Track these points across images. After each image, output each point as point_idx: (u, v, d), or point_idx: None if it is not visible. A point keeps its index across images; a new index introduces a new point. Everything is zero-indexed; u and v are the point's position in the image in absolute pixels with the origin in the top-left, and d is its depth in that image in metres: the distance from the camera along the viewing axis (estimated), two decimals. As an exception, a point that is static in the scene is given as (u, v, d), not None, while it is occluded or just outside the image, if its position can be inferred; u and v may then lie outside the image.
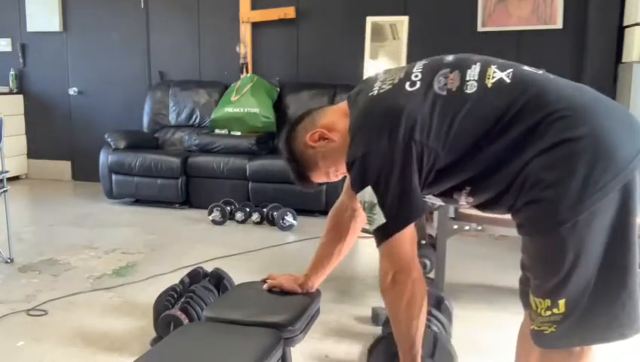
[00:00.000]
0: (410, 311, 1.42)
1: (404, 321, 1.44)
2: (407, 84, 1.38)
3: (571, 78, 1.39)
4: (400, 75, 1.42)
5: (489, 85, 1.32)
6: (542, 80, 1.34)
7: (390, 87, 1.40)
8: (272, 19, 5.50)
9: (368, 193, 1.35)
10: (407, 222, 1.37)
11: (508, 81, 1.32)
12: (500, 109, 1.29)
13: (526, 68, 1.38)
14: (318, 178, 1.59)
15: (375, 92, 1.42)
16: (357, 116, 1.44)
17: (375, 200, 1.35)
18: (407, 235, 1.38)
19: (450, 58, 1.42)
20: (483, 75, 1.34)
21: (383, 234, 1.37)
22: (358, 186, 1.38)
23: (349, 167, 1.40)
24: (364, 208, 1.39)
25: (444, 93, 1.34)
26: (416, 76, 1.39)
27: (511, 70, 1.35)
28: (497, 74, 1.34)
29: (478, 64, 1.37)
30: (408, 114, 1.33)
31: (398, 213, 1.35)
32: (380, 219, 1.35)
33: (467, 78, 1.34)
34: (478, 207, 1.44)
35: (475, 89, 1.32)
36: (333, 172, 1.55)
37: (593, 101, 1.30)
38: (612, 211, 1.20)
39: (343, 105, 1.54)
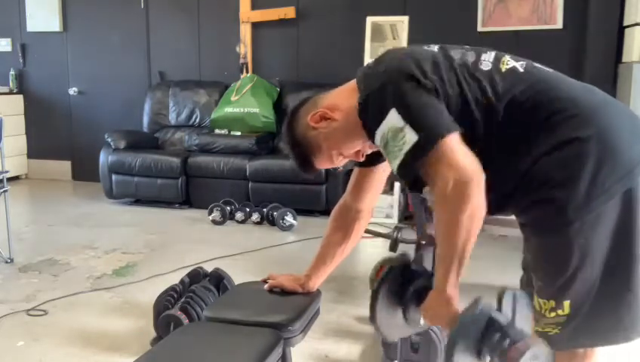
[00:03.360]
0: (472, 224, 1.22)
1: (464, 235, 1.22)
2: (425, 45, 1.40)
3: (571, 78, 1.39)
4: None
5: (503, 70, 1.32)
6: (553, 77, 1.34)
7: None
8: (272, 19, 5.50)
9: (392, 117, 1.24)
10: (445, 128, 1.22)
11: (521, 70, 1.32)
12: (511, 94, 1.28)
13: (537, 64, 1.38)
14: (322, 161, 1.49)
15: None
16: (367, 66, 1.42)
17: (402, 122, 1.23)
18: (456, 142, 1.22)
19: (463, 46, 1.43)
20: (498, 60, 1.34)
21: (422, 150, 1.22)
22: (378, 117, 1.26)
23: (363, 107, 1.31)
24: (386, 143, 1.26)
25: (460, 62, 1.33)
26: (433, 46, 1.40)
27: (524, 62, 1.35)
28: (511, 62, 1.34)
29: (493, 52, 1.38)
30: (425, 54, 1.33)
31: (434, 120, 1.23)
32: (411, 138, 1.22)
33: (482, 58, 1.34)
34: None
35: (489, 67, 1.32)
36: (336, 154, 1.46)
37: (602, 102, 1.30)
38: (618, 213, 1.19)
39: (350, 83, 1.46)
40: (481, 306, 1.22)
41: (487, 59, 1.35)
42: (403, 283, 1.41)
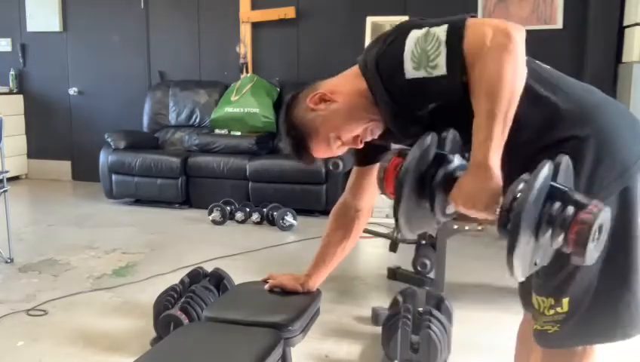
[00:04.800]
0: (514, 78, 1.13)
1: (509, 88, 1.12)
2: None
3: (571, 78, 1.39)
4: None
5: None
6: (553, 75, 1.34)
7: None
8: (272, 19, 5.50)
9: (413, 35, 1.22)
10: (468, 15, 1.21)
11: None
12: None
13: (538, 62, 1.38)
14: (318, 147, 1.43)
15: None
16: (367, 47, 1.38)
17: (424, 30, 1.22)
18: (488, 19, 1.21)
19: None
20: None
21: (457, 28, 1.19)
22: (399, 47, 1.23)
23: (380, 55, 1.26)
24: (420, 56, 1.20)
25: None
26: None
27: (527, 56, 1.35)
28: None
29: None
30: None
31: (455, 16, 1.24)
32: (442, 30, 1.20)
33: None
34: None
35: None
36: (333, 138, 1.40)
37: (601, 101, 1.30)
38: (616, 211, 1.20)
39: (352, 68, 1.42)
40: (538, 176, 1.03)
41: None
42: (429, 168, 1.18)
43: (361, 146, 1.42)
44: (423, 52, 1.19)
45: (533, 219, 1.03)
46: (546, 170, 1.04)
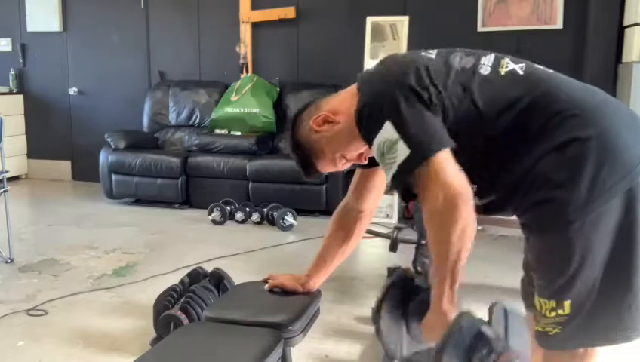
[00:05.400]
0: (462, 240, 1.24)
1: (455, 251, 1.24)
2: (422, 51, 1.40)
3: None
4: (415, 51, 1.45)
5: (502, 73, 1.32)
6: (553, 78, 1.34)
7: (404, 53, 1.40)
8: (272, 19, 5.50)
9: (387, 129, 1.26)
10: (437, 144, 1.24)
11: (521, 73, 1.32)
12: (511, 97, 1.28)
13: (537, 66, 1.38)
14: (324, 165, 1.50)
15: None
16: (367, 72, 1.42)
17: (396, 135, 1.25)
18: (447, 158, 1.24)
19: (462, 49, 1.42)
20: (497, 63, 1.34)
21: (413, 163, 1.24)
22: (374, 128, 1.28)
23: (360, 116, 1.32)
24: (382, 154, 1.28)
25: (459, 68, 1.33)
26: (432, 52, 1.40)
27: (524, 64, 1.35)
28: (511, 65, 1.34)
29: (493, 54, 1.38)
30: (424, 62, 1.33)
31: (426, 136, 1.25)
32: (404, 152, 1.24)
33: (481, 62, 1.35)
34: (485, 210, 1.43)
35: (488, 72, 1.32)
36: (339, 158, 1.47)
37: (603, 102, 1.30)
38: (619, 212, 1.19)
39: (351, 87, 1.47)
40: (469, 320, 1.24)
41: (487, 62, 1.35)
42: (404, 298, 1.44)
43: (365, 162, 1.49)
44: (383, 154, 1.28)
45: (459, 357, 1.22)
46: (470, 324, 1.24)
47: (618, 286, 1.22)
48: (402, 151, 1.24)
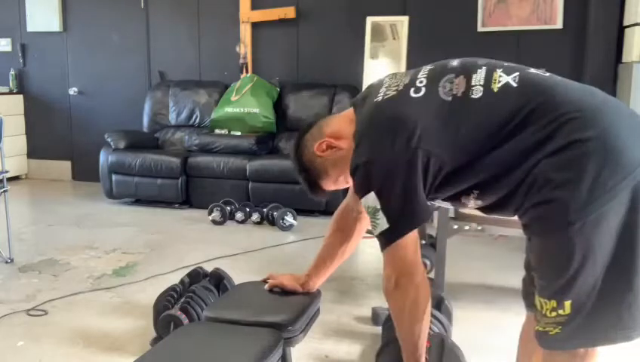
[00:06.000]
0: (413, 315, 1.44)
1: (407, 325, 1.46)
2: (412, 90, 1.38)
3: (571, 78, 1.38)
4: (405, 81, 1.42)
5: (495, 90, 1.32)
6: (549, 83, 1.33)
7: (395, 93, 1.40)
8: (272, 19, 5.50)
9: (372, 198, 1.37)
10: (410, 227, 1.38)
11: (514, 85, 1.32)
12: (507, 114, 1.28)
13: (533, 71, 1.37)
14: (329, 186, 1.61)
15: (380, 98, 1.42)
16: (362, 122, 1.45)
17: (378, 206, 1.36)
18: (411, 240, 1.39)
19: (455, 63, 1.41)
20: (489, 79, 1.34)
21: (386, 240, 1.39)
22: (361, 192, 1.40)
23: (353, 172, 1.41)
24: (367, 212, 1.41)
25: (450, 98, 1.33)
26: (421, 82, 1.39)
27: (517, 74, 1.34)
28: (504, 78, 1.33)
29: (484, 68, 1.37)
30: (413, 121, 1.32)
31: (400, 218, 1.36)
32: (383, 224, 1.37)
33: (473, 83, 1.34)
34: (485, 209, 1.43)
35: (480, 94, 1.32)
36: (342, 180, 1.56)
37: (602, 103, 1.29)
38: (620, 213, 1.19)
39: (349, 112, 1.55)
40: None
41: (478, 81, 1.34)
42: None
43: None
44: (370, 215, 1.40)
45: None
46: None
47: (618, 286, 1.22)
48: (382, 222, 1.37)
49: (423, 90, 1.37)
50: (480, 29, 4.93)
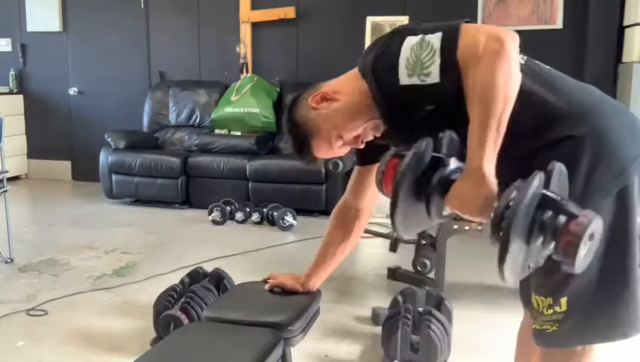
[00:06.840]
0: (507, 84, 1.14)
1: (501, 97, 1.13)
2: None
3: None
4: None
5: None
6: (552, 73, 1.34)
7: None
8: (272, 19, 5.50)
9: (409, 41, 1.23)
10: (462, 21, 1.23)
11: (522, 62, 1.30)
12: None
13: (536, 61, 1.37)
14: (320, 146, 1.44)
15: None
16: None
17: (419, 37, 1.22)
18: (473, 26, 1.22)
19: None
20: None
21: (451, 36, 1.19)
22: (395, 55, 1.24)
23: (376, 62, 1.28)
24: (415, 63, 1.21)
25: None
26: None
27: (526, 56, 1.34)
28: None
29: None
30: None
31: (443, 23, 1.25)
32: (436, 37, 1.20)
33: None
34: None
35: None
36: (335, 138, 1.41)
37: (599, 101, 1.30)
38: (614, 210, 1.20)
39: (352, 70, 1.45)
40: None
41: None
42: (425, 171, 1.18)
43: (362, 146, 1.44)
44: (418, 60, 1.20)
45: (524, 227, 1.04)
46: (537, 180, 1.04)
47: (614, 283, 1.22)
48: (434, 39, 1.20)
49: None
50: (480, 29, 4.94)
